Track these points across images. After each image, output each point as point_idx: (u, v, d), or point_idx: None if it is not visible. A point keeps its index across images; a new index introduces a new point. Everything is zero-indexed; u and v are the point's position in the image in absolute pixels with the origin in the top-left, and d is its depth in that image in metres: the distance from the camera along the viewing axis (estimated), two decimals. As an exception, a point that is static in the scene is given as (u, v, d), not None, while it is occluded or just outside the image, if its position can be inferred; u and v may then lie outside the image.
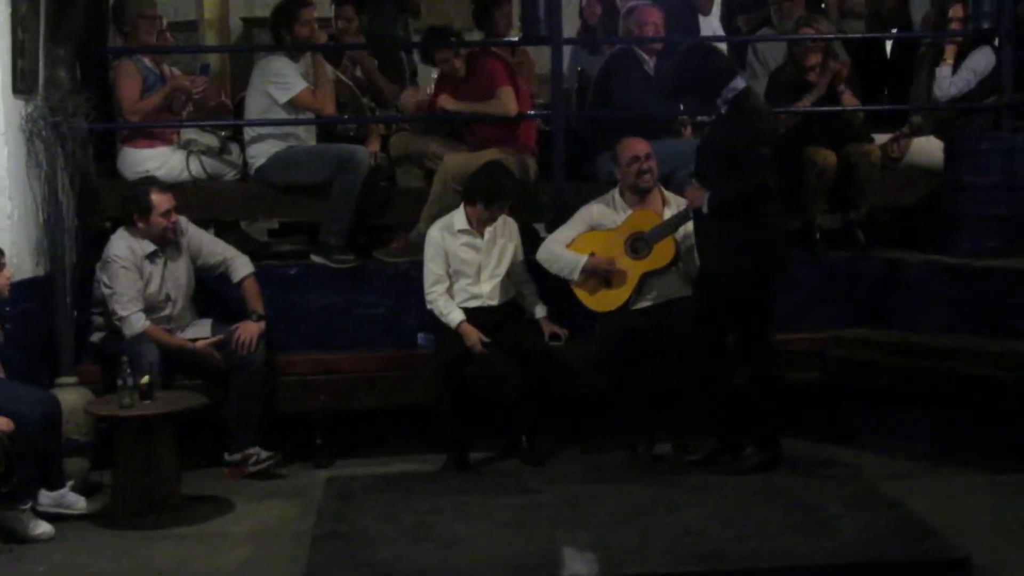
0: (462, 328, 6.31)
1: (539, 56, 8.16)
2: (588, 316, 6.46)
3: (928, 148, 7.34)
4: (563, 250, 6.46)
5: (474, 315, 6.38)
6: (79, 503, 5.70)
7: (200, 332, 6.32)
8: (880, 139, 7.32)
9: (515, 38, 7.79)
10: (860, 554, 4.84)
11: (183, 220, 6.39)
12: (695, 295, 6.16)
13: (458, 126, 7.24)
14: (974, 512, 5.57)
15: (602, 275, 6.39)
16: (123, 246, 6.19)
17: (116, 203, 6.47)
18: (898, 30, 8.27)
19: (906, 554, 4.88)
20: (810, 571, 4.76)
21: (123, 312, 6.09)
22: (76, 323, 6.29)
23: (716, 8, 8.72)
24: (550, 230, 6.75)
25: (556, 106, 7.10)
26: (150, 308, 6.19)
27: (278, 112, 6.87)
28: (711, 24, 8.63)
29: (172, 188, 6.43)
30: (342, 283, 6.73)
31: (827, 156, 6.93)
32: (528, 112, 7.18)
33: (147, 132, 6.90)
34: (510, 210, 6.53)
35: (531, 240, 6.84)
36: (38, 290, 6.22)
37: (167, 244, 6.30)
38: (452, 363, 6.27)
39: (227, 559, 5.25)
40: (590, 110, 7.53)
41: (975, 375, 6.20)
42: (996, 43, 7.22)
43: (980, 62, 7.21)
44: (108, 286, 6.15)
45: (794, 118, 7.10)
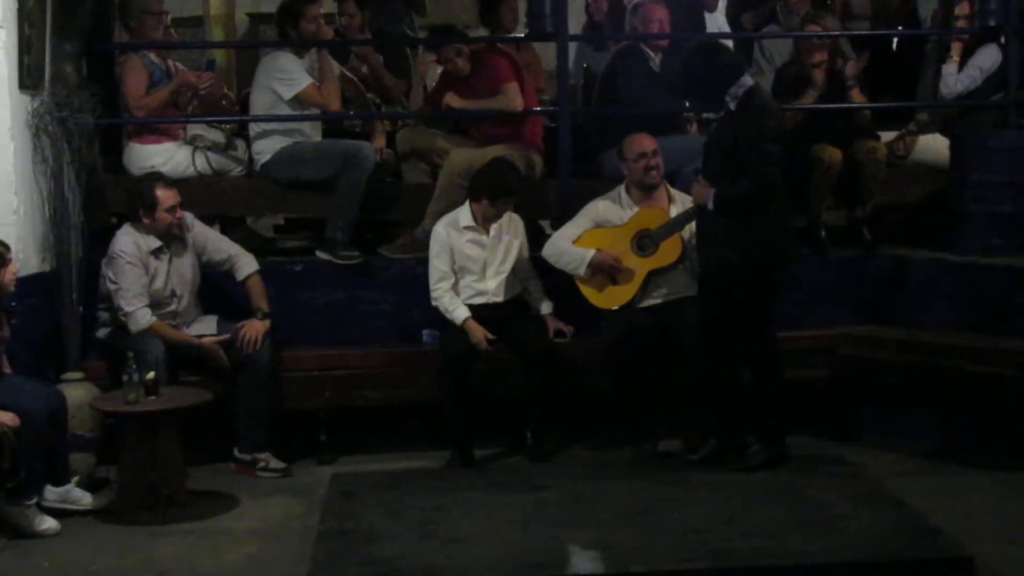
0: (467, 325, 6.31)
1: (545, 52, 8.15)
2: (594, 313, 6.45)
3: (934, 145, 7.34)
4: (569, 245, 6.44)
5: (479, 312, 6.38)
6: (84, 499, 5.71)
7: (205, 328, 6.32)
8: (886, 136, 7.33)
9: (521, 34, 7.78)
10: (865, 552, 4.84)
11: (189, 216, 6.39)
12: (701, 293, 6.15)
13: (464, 123, 7.23)
14: (979, 511, 5.56)
15: (608, 271, 6.37)
16: (129, 242, 6.19)
17: (122, 199, 6.49)
18: (904, 27, 8.25)
19: (911, 553, 4.87)
20: (815, 569, 4.75)
21: (129, 308, 6.09)
22: (82, 319, 6.29)
23: (721, 4, 8.71)
24: (555, 227, 6.74)
25: (562, 103, 7.10)
26: (155, 304, 6.19)
27: (284, 108, 6.88)
28: (717, 21, 8.62)
29: (178, 184, 6.43)
30: (347, 279, 6.73)
31: (833, 153, 6.93)
32: (534, 109, 7.18)
33: (153, 128, 6.90)
34: (515, 206, 6.51)
35: (536, 237, 6.85)
36: (44, 286, 6.22)
37: (172, 240, 6.30)
38: (457, 360, 6.27)
39: (232, 555, 5.26)
40: (596, 107, 7.53)
41: (981, 373, 6.19)
42: (1002, 40, 7.21)
43: (987, 59, 7.20)
44: (114, 282, 6.15)
45: (800, 115, 7.10)
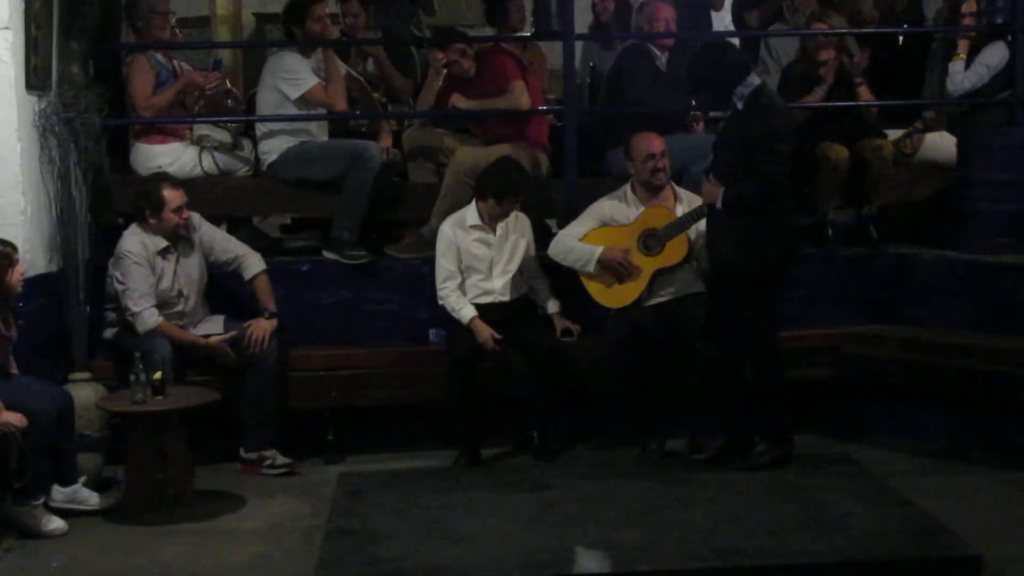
0: (474, 324, 6.31)
1: (551, 52, 8.15)
2: (600, 312, 6.45)
3: (941, 144, 7.33)
4: (577, 242, 6.44)
5: (486, 311, 6.38)
6: (92, 499, 5.72)
7: (212, 328, 6.33)
8: (893, 135, 7.31)
9: (527, 33, 7.78)
10: (871, 552, 4.83)
11: (195, 216, 6.40)
12: (708, 291, 6.15)
13: (469, 123, 7.23)
14: (985, 510, 5.55)
15: (616, 268, 6.36)
16: (135, 242, 6.20)
17: (129, 199, 6.48)
18: (910, 25, 8.24)
19: (917, 552, 4.87)
20: (821, 568, 4.75)
21: (136, 308, 6.10)
22: (89, 319, 6.29)
23: (728, 3, 8.70)
24: (562, 226, 6.74)
25: (568, 102, 7.09)
26: (163, 304, 6.20)
27: (290, 108, 6.88)
28: (723, 20, 8.64)
29: (184, 184, 6.44)
30: (354, 279, 6.73)
31: (840, 151, 6.92)
32: (540, 108, 7.17)
33: (160, 128, 6.90)
34: (522, 206, 6.51)
35: (543, 236, 6.84)
36: (51, 286, 6.23)
37: (179, 240, 6.31)
38: (464, 359, 6.27)
39: (239, 555, 5.26)
40: (602, 106, 7.53)
41: (987, 372, 6.19)
42: (1009, 38, 7.19)
43: (993, 57, 7.19)
44: (121, 282, 6.16)
45: (807, 113, 7.09)
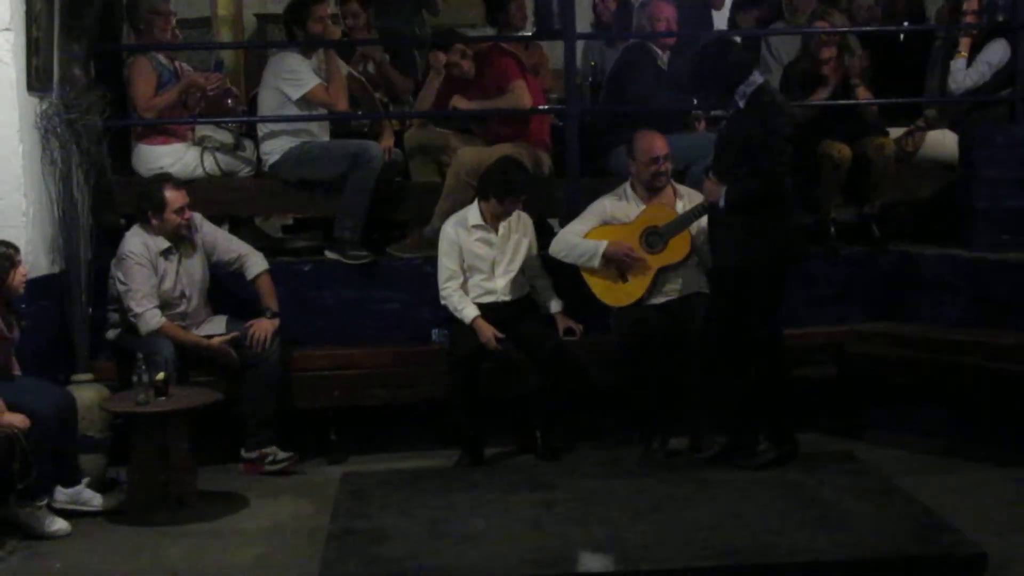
0: (476, 324, 6.31)
1: (552, 52, 8.15)
2: (603, 311, 6.45)
3: (943, 141, 7.32)
4: (580, 239, 6.42)
5: (488, 311, 6.38)
6: (95, 499, 5.73)
7: (215, 329, 6.33)
8: (895, 133, 7.30)
9: (528, 33, 7.77)
10: (875, 549, 4.84)
11: (197, 216, 6.40)
12: (712, 290, 6.14)
13: (471, 124, 7.22)
14: (990, 507, 5.55)
15: (622, 261, 6.35)
16: (138, 243, 6.20)
17: (131, 200, 6.48)
18: (912, 23, 8.23)
19: (921, 549, 4.87)
20: (825, 566, 4.75)
21: (138, 309, 6.10)
22: (91, 320, 6.30)
23: (729, 2, 8.70)
24: (564, 225, 6.73)
25: (570, 101, 7.08)
26: (165, 305, 6.21)
27: (291, 108, 6.88)
28: (725, 19, 8.61)
29: (186, 184, 6.45)
30: (356, 279, 6.73)
31: (842, 150, 6.92)
32: (541, 107, 7.17)
33: (161, 129, 6.90)
34: (524, 205, 6.51)
35: (545, 235, 6.83)
36: (53, 287, 6.23)
37: (181, 241, 6.31)
38: (466, 359, 6.27)
39: (242, 555, 5.26)
40: (604, 105, 7.52)
41: (991, 369, 6.18)
42: (1011, 35, 7.18)
43: (995, 54, 7.17)
44: (123, 283, 6.16)
45: (809, 112, 7.08)
